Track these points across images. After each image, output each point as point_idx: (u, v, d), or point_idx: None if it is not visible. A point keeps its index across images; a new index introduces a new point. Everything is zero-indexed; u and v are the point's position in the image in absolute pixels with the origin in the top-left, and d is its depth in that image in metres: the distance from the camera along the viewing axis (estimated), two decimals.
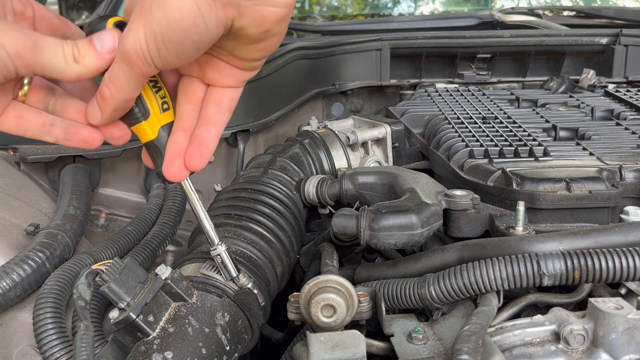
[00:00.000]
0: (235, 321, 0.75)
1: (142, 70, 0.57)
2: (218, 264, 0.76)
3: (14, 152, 1.21)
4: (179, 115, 0.67)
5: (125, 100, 0.61)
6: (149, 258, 1.01)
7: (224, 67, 0.65)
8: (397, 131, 1.31)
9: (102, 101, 0.61)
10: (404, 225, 0.80)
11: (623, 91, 1.45)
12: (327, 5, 2.72)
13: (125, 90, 0.59)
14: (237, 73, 0.66)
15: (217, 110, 0.67)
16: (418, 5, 2.64)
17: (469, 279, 0.71)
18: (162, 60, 0.56)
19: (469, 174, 1.02)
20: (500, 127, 1.22)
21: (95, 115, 0.63)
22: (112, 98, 0.60)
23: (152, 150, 0.67)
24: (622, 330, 0.65)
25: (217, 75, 0.66)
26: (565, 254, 0.71)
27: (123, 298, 0.65)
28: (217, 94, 0.67)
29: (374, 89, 1.73)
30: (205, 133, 0.66)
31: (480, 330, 0.64)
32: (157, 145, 0.66)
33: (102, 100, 0.61)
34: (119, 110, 0.62)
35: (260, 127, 1.36)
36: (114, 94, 0.60)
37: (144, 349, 0.66)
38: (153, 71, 0.58)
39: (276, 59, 1.42)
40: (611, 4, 2.69)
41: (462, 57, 1.74)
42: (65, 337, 0.76)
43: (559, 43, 1.72)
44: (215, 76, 0.66)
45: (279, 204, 1.01)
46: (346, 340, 0.62)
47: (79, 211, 1.02)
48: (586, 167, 0.96)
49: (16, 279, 0.81)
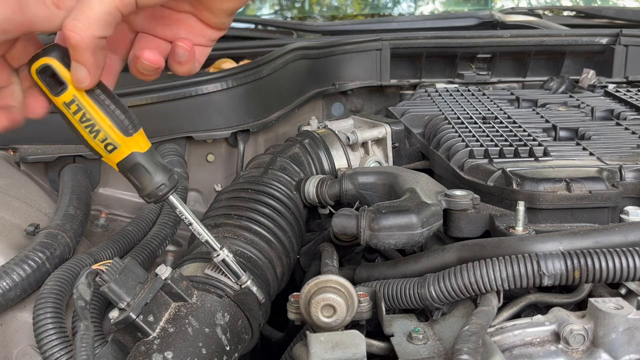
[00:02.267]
0: (235, 321, 0.75)
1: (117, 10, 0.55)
2: (224, 268, 0.76)
3: (14, 152, 1.21)
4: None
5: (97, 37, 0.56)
6: (149, 258, 1.01)
7: (196, 26, 0.66)
8: (397, 131, 1.31)
9: (74, 52, 0.57)
10: (404, 225, 0.80)
11: (623, 91, 1.45)
12: (327, 5, 2.72)
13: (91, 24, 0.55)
14: (207, 32, 0.67)
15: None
16: (418, 5, 2.65)
17: (469, 279, 0.71)
18: None
19: (469, 174, 1.02)
20: (500, 127, 1.22)
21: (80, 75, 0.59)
22: (82, 40, 0.56)
23: (126, 178, 0.68)
24: (622, 330, 0.65)
25: (189, 35, 0.67)
26: (565, 254, 0.71)
27: (123, 298, 0.65)
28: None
29: (374, 89, 1.73)
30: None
31: (480, 330, 0.64)
32: (126, 177, 0.67)
33: (73, 51, 0.57)
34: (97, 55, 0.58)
35: (260, 127, 1.36)
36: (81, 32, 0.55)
37: (144, 349, 0.66)
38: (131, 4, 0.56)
39: (276, 59, 1.42)
40: (611, 4, 2.69)
41: (462, 57, 1.74)
42: (65, 337, 0.76)
43: (559, 43, 1.72)
44: (186, 35, 0.67)
45: (279, 204, 1.01)
46: (346, 340, 0.62)
47: (79, 211, 1.02)
48: (586, 167, 0.96)
49: (16, 279, 0.81)
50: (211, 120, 1.31)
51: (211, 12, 0.66)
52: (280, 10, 2.61)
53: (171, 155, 1.26)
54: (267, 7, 2.61)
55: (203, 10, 0.66)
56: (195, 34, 0.67)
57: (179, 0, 0.66)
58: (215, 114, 1.31)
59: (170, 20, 0.67)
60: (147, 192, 0.68)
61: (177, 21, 0.67)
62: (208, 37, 0.69)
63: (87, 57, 0.58)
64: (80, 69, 0.59)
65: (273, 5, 2.62)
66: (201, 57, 0.70)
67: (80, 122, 0.63)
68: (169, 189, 0.68)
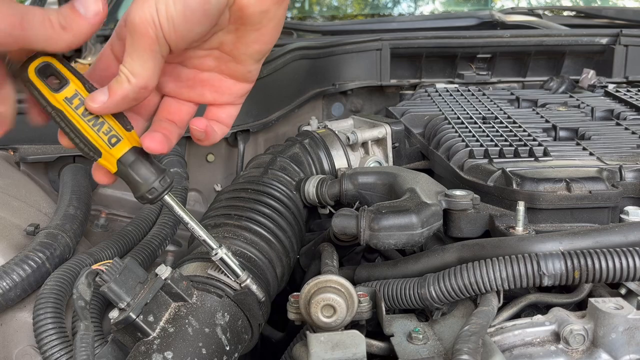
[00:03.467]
0: (235, 321, 0.75)
1: (154, 45, 0.55)
2: (222, 267, 0.75)
3: (14, 152, 1.21)
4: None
5: (141, 87, 0.58)
6: (149, 258, 1.01)
7: (221, 84, 0.65)
8: (397, 131, 1.31)
9: (116, 84, 0.58)
10: (404, 225, 0.80)
11: (623, 91, 1.45)
12: (327, 5, 2.73)
13: (141, 74, 0.57)
14: (234, 88, 0.66)
15: (215, 123, 0.68)
16: (418, 5, 2.65)
17: (469, 279, 0.71)
18: (175, 30, 0.55)
19: (469, 174, 1.02)
20: (500, 127, 1.22)
21: (99, 98, 0.60)
22: (128, 82, 0.57)
23: (123, 179, 0.67)
24: (622, 330, 0.65)
25: (215, 95, 0.66)
26: (565, 254, 0.71)
27: (123, 298, 0.65)
28: (215, 112, 0.68)
29: (374, 89, 1.73)
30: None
31: (480, 330, 0.64)
32: (123, 177, 0.66)
33: (116, 84, 0.58)
34: (129, 100, 0.60)
35: (260, 127, 1.36)
36: (130, 78, 0.57)
37: (144, 349, 0.66)
38: (164, 46, 0.55)
39: (276, 59, 1.42)
40: (611, 4, 2.69)
41: (462, 57, 1.74)
42: (65, 337, 0.76)
43: (559, 43, 1.72)
44: (212, 95, 0.66)
45: (279, 204, 1.01)
46: (346, 340, 0.62)
47: (79, 211, 1.02)
48: (586, 167, 0.96)
49: (16, 279, 0.81)
50: None
51: (237, 61, 0.64)
52: None
53: (171, 155, 1.26)
54: None
55: (228, 62, 0.64)
56: (222, 92, 0.66)
57: (202, 57, 0.65)
58: None
59: (195, 81, 0.67)
60: (146, 189, 0.66)
61: (201, 81, 0.66)
62: (235, 93, 0.67)
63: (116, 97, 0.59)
64: (102, 93, 0.60)
65: None
66: (229, 119, 0.68)
67: (83, 115, 0.62)
68: (167, 185, 0.68)
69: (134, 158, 0.65)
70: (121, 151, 0.64)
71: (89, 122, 0.62)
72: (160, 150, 0.63)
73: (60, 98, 0.61)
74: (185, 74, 0.67)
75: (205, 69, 0.66)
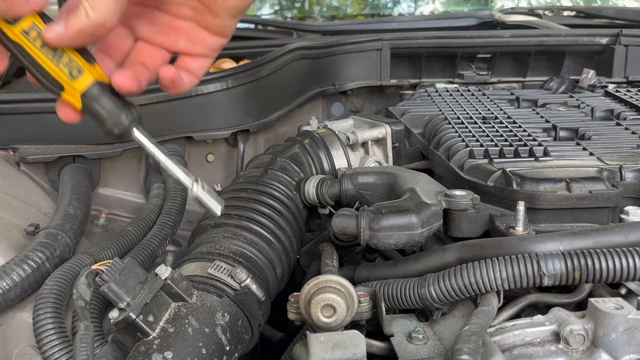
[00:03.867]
0: (235, 321, 0.75)
1: None
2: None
3: (14, 152, 1.21)
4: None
5: (99, 23, 0.57)
6: (149, 258, 1.01)
7: (196, 35, 0.65)
8: (397, 131, 1.31)
9: (74, 17, 0.57)
10: (404, 225, 0.80)
11: (623, 91, 1.45)
12: (327, 5, 2.73)
13: (101, 10, 0.56)
14: (209, 40, 0.66)
15: (185, 73, 0.67)
16: (418, 5, 2.64)
17: (469, 279, 0.71)
18: None
19: (469, 174, 1.02)
20: (500, 127, 1.22)
21: (55, 29, 0.58)
22: (86, 16, 0.56)
23: (90, 115, 0.64)
24: (622, 330, 0.65)
25: (188, 44, 0.66)
26: (565, 254, 0.71)
27: (123, 298, 0.65)
28: (187, 61, 0.67)
29: (374, 89, 1.72)
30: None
31: (481, 330, 0.64)
32: (88, 112, 0.64)
33: (74, 16, 0.57)
34: (85, 34, 0.58)
35: (260, 127, 1.36)
36: (89, 12, 0.56)
37: (144, 349, 0.66)
38: None
39: (276, 59, 1.42)
40: (611, 4, 2.69)
41: (462, 57, 1.74)
42: (65, 337, 0.76)
43: (559, 43, 1.72)
44: (186, 44, 0.66)
45: (279, 204, 1.01)
46: (346, 341, 0.62)
47: (79, 211, 1.02)
48: (586, 167, 0.96)
49: (16, 279, 0.81)
50: (211, 120, 1.31)
51: (213, 13, 0.64)
52: (280, 10, 2.61)
53: (171, 155, 1.26)
54: (267, 7, 2.61)
55: (205, 14, 0.64)
56: (196, 43, 0.66)
57: (179, 4, 0.65)
58: (215, 114, 1.31)
59: (170, 27, 0.66)
60: (113, 123, 0.64)
61: (176, 29, 0.66)
62: (209, 46, 0.67)
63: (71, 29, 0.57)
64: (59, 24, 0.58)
65: (273, 5, 2.62)
66: (200, 71, 0.68)
67: (42, 47, 0.60)
68: (134, 119, 0.65)
69: (98, 92, 0.63)
70: (84, 84, 0.62)
71: (47, 54, 0.61)
72: (129, 87, 0.62)
73: (17, 30, 0.60)
74: (161, 19, 0.66)
75: (181, 16, 0.66)
